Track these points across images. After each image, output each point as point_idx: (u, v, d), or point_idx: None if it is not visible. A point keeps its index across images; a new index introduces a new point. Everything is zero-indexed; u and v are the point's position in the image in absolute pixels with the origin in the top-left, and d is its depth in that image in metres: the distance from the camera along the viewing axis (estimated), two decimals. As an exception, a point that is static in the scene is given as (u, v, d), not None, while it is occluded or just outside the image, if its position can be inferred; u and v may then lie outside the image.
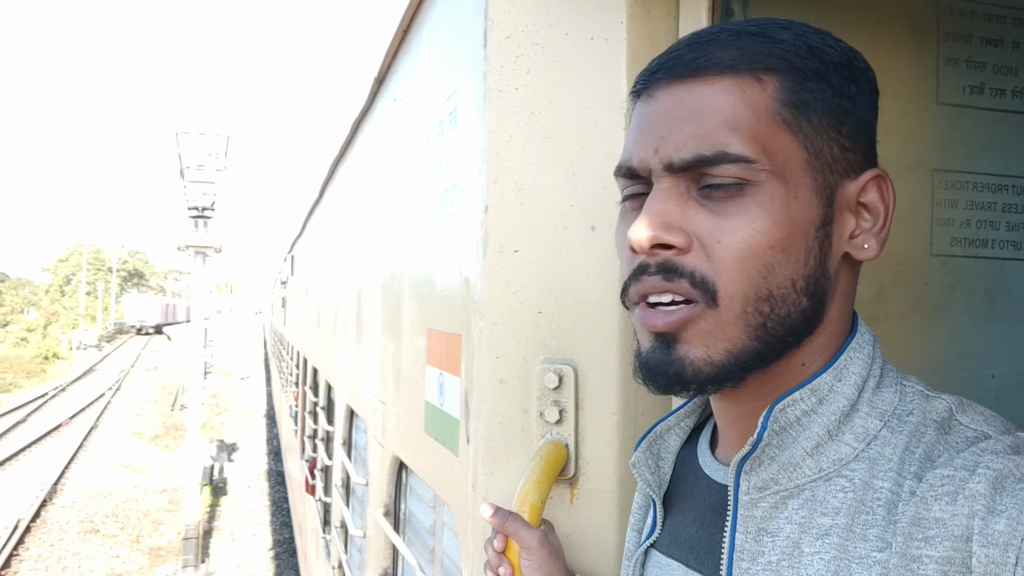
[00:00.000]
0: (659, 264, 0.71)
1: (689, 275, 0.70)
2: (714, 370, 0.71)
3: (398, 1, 2.04)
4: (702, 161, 0.70)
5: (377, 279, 2.62)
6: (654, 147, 0.72)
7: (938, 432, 0.68)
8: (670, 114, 0.72)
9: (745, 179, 0.69)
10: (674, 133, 0.71)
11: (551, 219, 1.21)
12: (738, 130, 0.69)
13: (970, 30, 1.51)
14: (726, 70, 0.71)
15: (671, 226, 0.71)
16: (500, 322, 1.22)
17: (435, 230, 1.66)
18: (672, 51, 0.75)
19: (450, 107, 1.55)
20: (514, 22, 1.22)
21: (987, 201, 1.52)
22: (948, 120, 1.50)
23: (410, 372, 1.90)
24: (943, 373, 1.49)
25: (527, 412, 1.22)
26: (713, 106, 0.70)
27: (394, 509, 2.33)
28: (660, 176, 0.72)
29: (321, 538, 4.83)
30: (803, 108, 0.71)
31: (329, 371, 4.65)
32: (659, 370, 0.72)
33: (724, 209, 0.70)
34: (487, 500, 1.22)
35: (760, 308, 0.70)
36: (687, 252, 0.71)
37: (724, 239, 0.69)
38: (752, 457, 0.73)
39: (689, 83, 0.72)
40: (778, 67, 0.71)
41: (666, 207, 0.71)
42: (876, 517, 0.66)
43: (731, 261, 0.69)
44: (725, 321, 0.70)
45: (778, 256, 0.70)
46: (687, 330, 0.71)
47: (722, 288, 0.69)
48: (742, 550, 0.73)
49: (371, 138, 3.00)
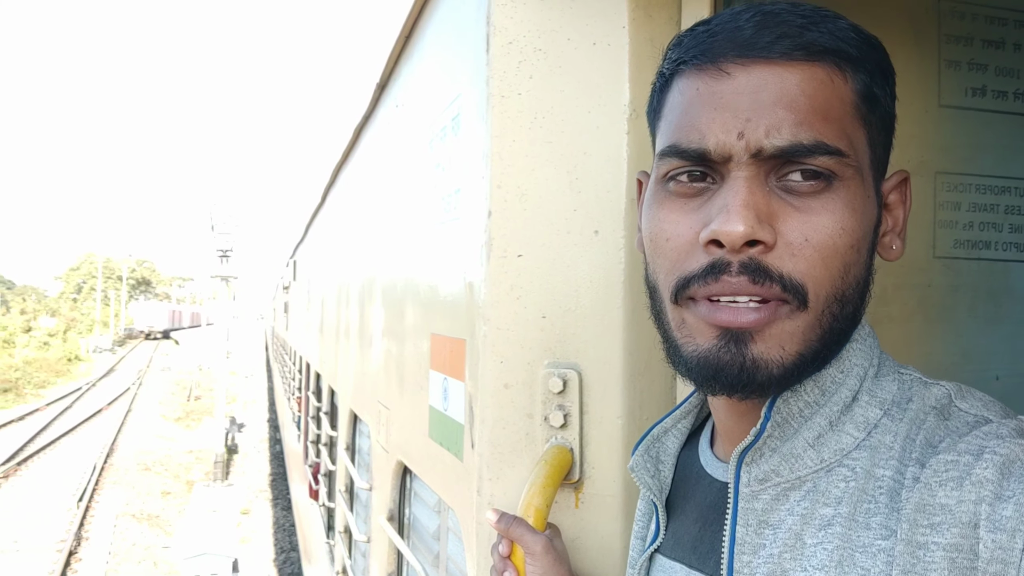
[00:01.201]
0: (744, 264, 0.66)
1: (778, 277, 0.66)
2: (784, 373, 0.68)
3: (400, 7, 2.05)
4: (799, 150, 0.65)
5: (380, 284, 2.62)
6: (738, 130, 0.66)
7: (938, 418, 0.67)
8: (757, 96, 0.67)
9: (835, 173, 0.66)
10: (765, 117, 0.66)
11: (554, 224, 1.22)
12: (831, 120, 0.67)
13: (971, 32, 1.51)
14: (813, 56, 0.67)
15: (762, 220, 0.65)
16: (504, 327, 1.22)
17: (438, 235, 1.67)
18: (737, 27, 0.69)
19: (453, 112, 1.56)
20: (516, 28, 1.23)
21: (990, 203, 1.52)
22: (950, 122, 1.50)
23: (414, 377, 1.91)
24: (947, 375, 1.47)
25: (532, 417, 1.22)
26: (806, 92, 0.66)
27: (398, 514, 2.33)
28: (743, 163, 0.67)
29: (325, 543, 4.83)
30: (873, 103, 0.70)
31: (332, 376, 4.65)
32: (727, 371, 0.67)
33: (808, 205, 0.66)
34: (492, 505, 1.23)
35: (833, 309, 0.68)
36: (771, 250, 0.66)
37: (812, 237, 0.66)
38: (753, 449, 0.72)
39: (776, 66, 0.67)
40: (856, 58, 0.69)
41: (755, 199, 0.66)
42: (879, 505, 0.65)
43: (819, 261, 0.66)
44: (807, 324, 0.67)
45: (854, 256, 0.68)
46: (769, 329, 0.67)
47: (811, 291, 0.66)
48: (743, 543, 0.72)
49: (373, 143, 3.00)
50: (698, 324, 0.70)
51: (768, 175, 0.67)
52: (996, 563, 0.56)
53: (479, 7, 1.33)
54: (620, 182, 1.19)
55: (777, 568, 0.69)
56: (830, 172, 0.66)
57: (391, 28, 2.22)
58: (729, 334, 0.67)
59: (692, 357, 0.70)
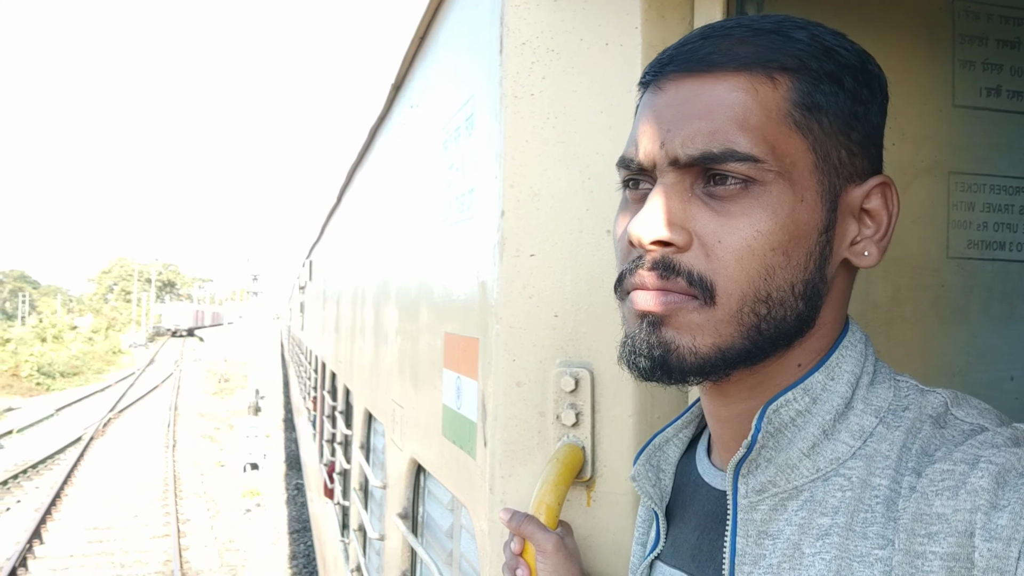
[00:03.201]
0: (656, 260, 0.71)
1: (686, 273, 0.69)
2: (698, 361, 0.70)
3: (415, 9, 2.06)
4: (709, 158, 0.69)
5: (394, 283, 2.64)
6: (660, 140, 0.71)
7: (934, 427, 0.68)
8: (679, 108, 0.71)
9: (751, 178, 0.68)
10: (682, 128, 0.70)
11: (567, 223, 1.22)
12: (748, 129, 0.69)
13: (986, 32, 1.50)
14: (740, 67, 0.70)
15: (672, 223, 0.70)
16: (517, 325, 1.23)
17: (452, 234, 1.68)
18: (685, 43, 0.74)
19: (466, 113, 1.57)
20: (529, 29, 1.23)
21: (1004, 203, 1.52)
22: (964, 122, 1.49)
23: (427, 375, 1.92)
24: (961, 376, 1.49)
25: (544, 415, 1.22)
26: (724, 103, 0.69)
27: (412, 512, 2.34)
28: (664, 171, 0.71)
29: (340, 541, 4.85)
30: (815, 110, 0.70)
31: (347, 375, 4.68)
32: (642, 351, 0.71)
33: (727, 209, 0.69)
34: (504, 503, 1.23)
35: (757, 309, 0.70)
36: (686, 250, 0.70)
37: (726, 239, 0.69)
38: (748, 460, 0.73)
39: (701, 77, 0.71)
40: (792, 67, 0.70)
41: (669, 204, 0.70)
42: (875, 515, 0.66)
43: (731, 261, 0.69)
44: (719, 319, 0.69)
45: (779, 259, 0.69)
46: (677, 317, 0.70)
47: (720, 288, 0.69)
48: (743, 554, 0.73)
49: (388, 144, 3.02)
50: (629, 314, 0.74)
51: (694, 182, 0.71)
52: (992, 572, 0.56)
53: (493, 8, 1.34)
54: (632, 182, 1.19)
55: None
56: (745, 177, 0.69)
57: (406, 29, 2.23)
58: (646, 318, 0.71)
59: (623, 343, 0.75)
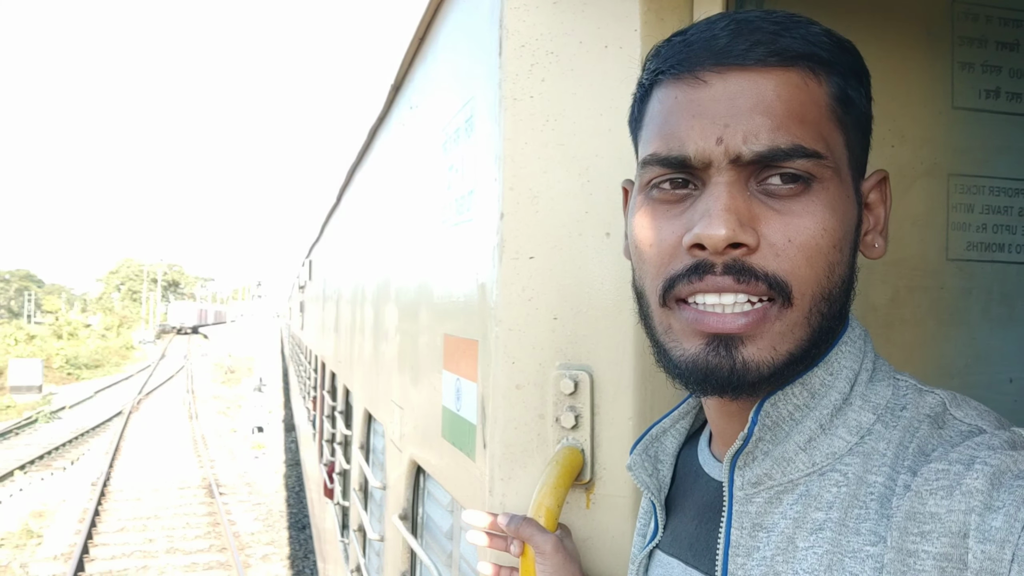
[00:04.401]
0: (728, 264, 0.67)
1: (763, 276, 0.67)
2: (774, 372, 0.69)
3: (414, 10, 2.06)
4: (777, 154, 0.67)
5: (394, 284, 2.64)
6: (716, 136, 0.68)
7: (932, 426, 0.68)
8: (733, 103, 0.68)
9: (814, 175, 0.68)
10: (742, 123, 0.67)
11: (566, 225, 1.22)
12: (807, 124, 0.68)
13: (985, 34, 1.51)
14: (786, 61, 0.69)
15: (743, 224, 0.67)
16: (516, 328, 1.23)
17: (451, 236, 1.68)
18: (712, 36, 0.71)
19: (466, 114, 1.57)
20: (529, 31, 1.23)
21: (1004, 205, 1.52)
22: (964, 124, 1.49)
23: (427, 377, 1.92)
24: (960, 378, 1.49)
25: (543, 417, 1.22)
26: (782, 97, 0.68)
27: (412, 513, 2.34)
28: (723, 169, 0.68)
29: (339, 542, 4.85)
30: (849, 105, 0.71)
31: (347, 376, 4.68)
32: (717, 374, 0.69)
33: (789, 208, 0.68)
34: (504, 505, 1.23)
35: (821, 308, 0.69)
36: (755, 252, 0.68)
37: (795, 238, 0.67)
38: (745, 452, 0.73)
39: (749, 71, 0.69)
40: (828, 61, 0.70)
41: (736, 203, 0.67)
42: (869, 511, 0.66)
43: (802, 261, 0.67)
44: (795, 322, 0.68)
45: (837, 255, 0.69)
46: (759, 330, 0.68)
47: (796, 289, 0.68)
48: (737, 546, 0.73)
49: (388, 145, 3.02)
50: (684, 329, 0.71)
51: (748, 180, 0.69)
52: (985, 573, 0.56)
53: (492, 10, 1.34)
54: (631, 185, 1.19)
55: (770, 571, 0.70)
56: (809, 174, 0.68)
57: (405, 30, 2.23)
58: (717, 339, 0.69)
59: (681, 361, 0.72)
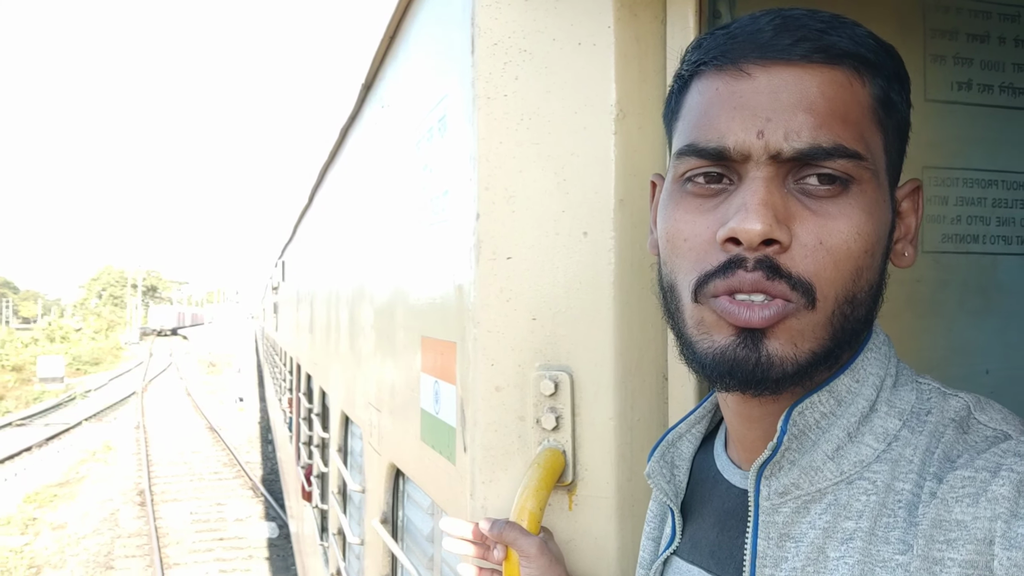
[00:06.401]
0: (759, 260, 0.66)
1: (788, 276, 0.66)
2: (797, 369, 0.68)
3: (384, 8, 2.04)
4: (818, 153, 0.66)
5: (369, 286, 2.61)
6: (758, 130, 0.67)
7: (957, 431, 0.67)
8: (776, 97, 0.67)
9: (851, 177, 0.67)
10: (785, 119, 0.66)
11: (543, 225, 1.21)
12: (850, 124, 0.67)
13: (956, 27, 1.51)
14: (832, 59, 0.68)
15: (779, 221, 0.66)
16: (494, 329, 1.22)
17: (427, 237, 1.66)
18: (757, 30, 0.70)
19: (439, 113, 1.55)
20: (501, 29, 1.22)
21: (977, 197, 1.53)
22: (937, 117, 1.50)
23: (405, 380, 1.90)
24: (938, 370, 1.48)
25: (524, 419, 1.21)
26: (826, 95, 0.67)
27: (392, 516, 2.32)
28: (762, 164, 0.67)
29: (319, 545, 4.82)
30: (890, 110, 0.70)
31: (323, 378, 4.64)
32: (742, 366, 0.68)
33: (825, 209, 0.67)
34: (485, 508, 1.22)
35: (845, 311, 0.68)
36: (787, 250, 0.67)
37: (827, 241, 0.66)
38: (772, 462, 0.72)
39: (795, 67, 0.67)
40: (874, 63, 0.69)
41: (772, 199, 0.66)
42: (897, 519, 0.65)
43: (830, 263, 0.66)
44: (816, 323, 0.67)
45: (867, 260, 0.68)
46: (780, 326, 0.67)
47: (820, 291, 0.67)
48: (764, 556, 0.72)
49: (360, 144, 2.99)
50: (717, 322, 0.70)
51: (786, 177, 0.68)
52: None
53: (464, 8, 1.32)
54: (608, 183, 1.19)
55: None
56: (847, 176, 0.67)
57: (375, 28, 2.21)
58: (746, 332, 0.68)
59: (707, 354, 0.70)
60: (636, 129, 1.20)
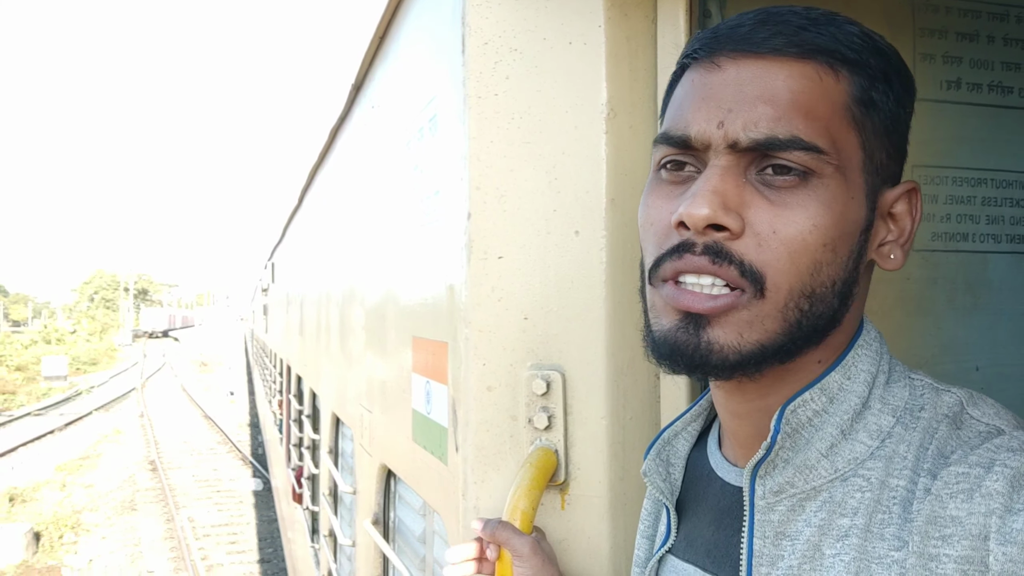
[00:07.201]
0: (707, 245, 0.68)
1: (738, 263, 0.67)
2: (740, 358, 0.68)
3: (374, 8, 2.03)
4: (774, 144, 0.67)
5: (360, 287, 2.61)
6: (719, 120, 0.68)
7: (950, 427, 0.68)
8: (740, 89, 0.68)
9: (811, 170, 0.67)
10: (744, 110, 0.68)
11: (534, 224, 1.21)
12: (813, 118, 0.67)
13: (945, 25, 1.52)
14: (804, 54, 0.68)
15: (728, 208, 0.67)
16: (486, 329, 1.22)
17: (418, 237, 1.66)
18: (739, 24, 0.71)
19: (430, 113, 1.54)
20: (492, 28, 1.22)
21: (966, 195, 1.53)
22: (926, 116, 1.50)
23: (396, 380, 1.89)
24: (928, 368, 1.49)
25: (516, 419, 1.21)
26: (790, 89, 0.67)
27: (383, 517, 2.31)
28: (720, 153, 0.68)
29: (310, 547, 4.80)
30: (870, 108, 0.70)
31: (313, 379, 4.62)
32: (683, 351, 0.69)
33: (783, 199, 0.67)
34: (477, 508, 1.22)
35: (800, 305, 0.68)
36: (738, 238, 0.67)
37: (781, 230, 0.67)
38: (767, 461, 0.72)
39: (764, 60, 0.68)
40: (853, 60, 0.69)
41: (725, 187, 0.67)
42: (892, 516, 0.65)
43: (784, 254, 0.67)
44: (765, 314, 0.68)
45: (828, 255, 0.68)
46: (726, 316, 0.68)
47: (771, 280, 0.67)
48: (760, 555, 0.72)
49: (350, 145, 2.98)
50: (664, 306, 0.72)
51: (748, 167, 0.69)
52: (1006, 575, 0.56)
53: (454, 7, 1.32)
54: (599, 182, 1.19)
55: None
56: (806, 169, 0.67)
57: (365, 29, 2.20)
58: (689, 316, 0.69)
59: (656, 336, 0.72)
60: (627, 128, 1.20)
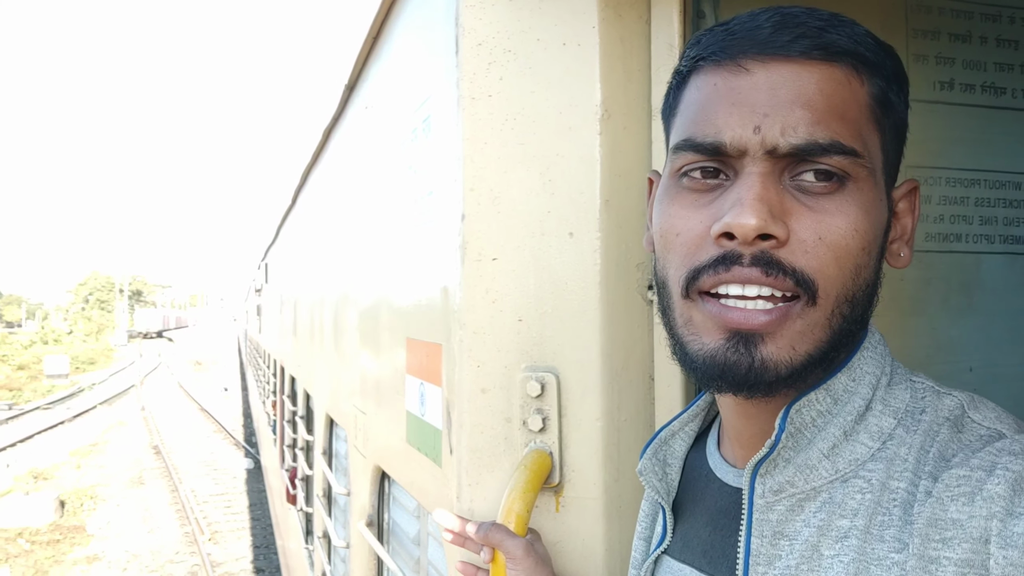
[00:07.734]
0: (756, 256, 0.66)
1: (791, 271, 0.66)
2: (792, 372, 0.67)
3: (367, 8, 2.03)
4: (815, 149, 0.66)
5: (354, 288, 2.60)
6: (754, 125, 0.67)
7: (951, 430, 0.68)
8: (775, 93, 0.67)
9: (848, 173, 0.67)
10: (782, 114, 0.66)
11: (528, 226, 1.21)
12: (847, 121, 0.67)
13: (938, 26, 1.52)
14: (831, 57, 0.67)
15: (775, 216, 0.65)
16: (480, 331, 1.21)
17: (412, 238, 1.65)
18: (757, 27, 0.69)
19: (423, 114, 1.54)
20: (485, 29, 1.21)
21: (960, 196, 1.54)
22: (919, 117, 1.50)
23: (390, 382, 1.89)
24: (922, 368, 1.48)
25: (510, 421, 1.21)
26: (824, 92, 0.67)
27: (377, 519, 2.31)
28: (758, 159, 0.67)
29: (304, 548, 4.79)
30: (887, 109, 0.71)
31: (307, 380, 4.61)
32: (734, 371, 0.67)
33: (821, 205, 0.67)
34: (472, 510, 1.22)
35: (844, 311, 0.68)
36: (783, 246, 0.66)
37: (826, 236, 0.66)
38: (768, 460, 0.72)
39: (795, 64, 0.67)
40: (873, 63, 0.69)
41: (769, 194, 0.66)
42: (892, 518, 0.65)
43: (831, 260, 0.66)
44: (815, 322, 0.67)
45: (865, 258, 0.68)
46: (780, 329, 0.66)
47: (822, 288, 0.66)
48: (758, 554, 0.72)
49: (343, 145, 2.97)
50: (705, 323, 0.69)
51: (782, 173, 0.68)
52: None
53: (447, 8, 1.31)
54: (594, 183, 1.18)
55: None
56: (844, 173, 0.67)
57: (358, 29, 2.19)
58: (738, 335, 0.67)
59: (698, 356, 0.70)
60: (621, 129, 1.20)
